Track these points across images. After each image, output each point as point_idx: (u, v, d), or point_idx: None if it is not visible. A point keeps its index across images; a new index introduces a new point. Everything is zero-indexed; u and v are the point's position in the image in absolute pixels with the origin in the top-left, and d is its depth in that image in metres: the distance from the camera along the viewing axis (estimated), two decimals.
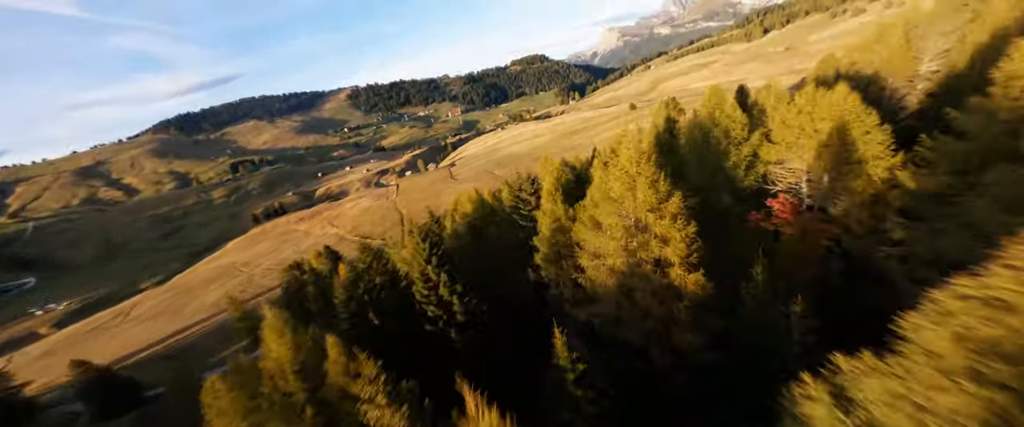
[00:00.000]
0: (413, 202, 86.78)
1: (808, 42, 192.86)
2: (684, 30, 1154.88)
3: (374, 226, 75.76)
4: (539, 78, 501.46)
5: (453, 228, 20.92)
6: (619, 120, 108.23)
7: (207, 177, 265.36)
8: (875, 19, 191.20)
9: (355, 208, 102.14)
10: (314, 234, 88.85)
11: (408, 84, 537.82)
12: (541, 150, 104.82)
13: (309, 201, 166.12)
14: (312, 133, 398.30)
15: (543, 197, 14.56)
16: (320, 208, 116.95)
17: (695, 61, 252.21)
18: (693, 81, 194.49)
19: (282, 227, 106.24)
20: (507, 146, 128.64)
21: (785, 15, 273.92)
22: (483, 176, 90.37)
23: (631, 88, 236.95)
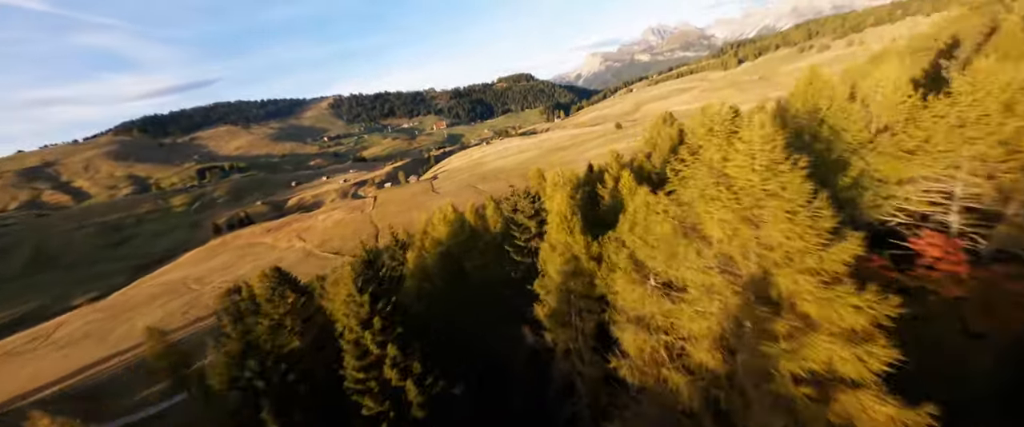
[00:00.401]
0: (390, 216, 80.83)
1: (780, 73, 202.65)
2: (662, 58, 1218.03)
3: (345, 241, 69.22)
4: (524, 96, 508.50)
5: (417, 262, 15.94)
6: (606, 138, 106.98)
7: (170, 183, 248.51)
8: (839, 55, 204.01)
9: (327, 220, 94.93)
10: (280, 248, 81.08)
11: (393, 96, 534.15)
12: (527, 165, 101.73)
13: (279, 211, 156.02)
14: (289, 141, 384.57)
15: (550, 223, 9.92)
16: (289, 219, 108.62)
17: (675, 86, 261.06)
18: (674, 104, 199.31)
19: (245, 239, 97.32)
20: (492, 160, 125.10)
21: (757, 48, 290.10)
22: (466, 191, 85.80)
23: (615, 109, 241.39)
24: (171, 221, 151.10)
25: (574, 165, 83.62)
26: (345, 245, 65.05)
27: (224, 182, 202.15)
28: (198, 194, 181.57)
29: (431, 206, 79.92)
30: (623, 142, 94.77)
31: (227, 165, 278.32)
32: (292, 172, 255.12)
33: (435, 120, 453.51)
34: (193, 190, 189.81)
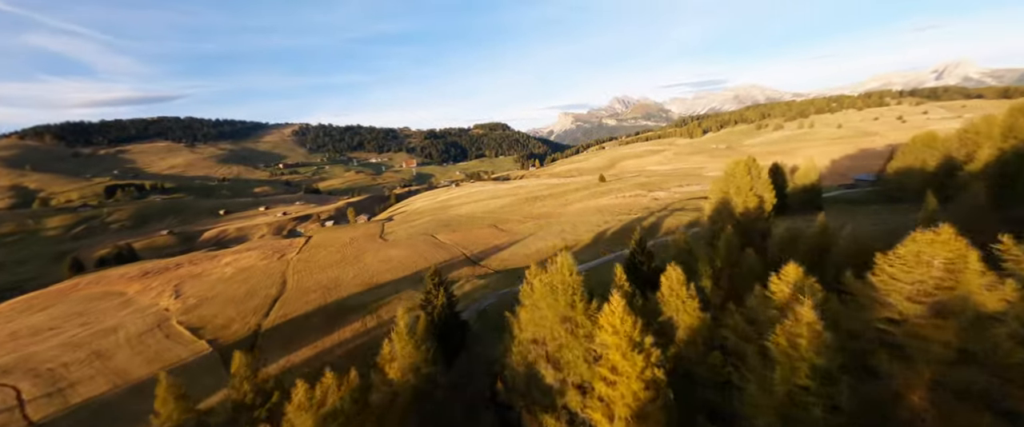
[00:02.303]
0: (312, 269, 59.88)
1: (744, 144, 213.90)
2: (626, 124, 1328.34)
3: (231, 305, 47.17)
4: (499, 144, 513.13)
5: None
6: (590, 191, 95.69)
7: (66, 199, 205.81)
8: (796, 134, 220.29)
9: (229, 266, 71.24)
10: (138, 304, 56.24)
11: (365, 130, 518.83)
12: (500, 214, 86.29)
13: (188, 245, 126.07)
14: (238, 164, 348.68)
15: None
16: (182, 260, 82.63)
17: (647, 147, 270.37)
18: (648, 164, 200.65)
19: (103, 285, 70.22)
20: (459, 204, 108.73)
21: (719, 121, 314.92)
22: (421, 241, 67.58)
23: (590, 163, 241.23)
24: (31, 248, 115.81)
25: (554, 219, 69.08)
26: (226, 312, 43.19)
27: (130, 205, 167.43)
28: (87, 217, 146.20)
29: (373, 257, 60.42)
30: (609, 197, 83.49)
31: (149, 184, 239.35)
32: (228, 199, 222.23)
33: (405, 157, 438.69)
34: (83, 211, 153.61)
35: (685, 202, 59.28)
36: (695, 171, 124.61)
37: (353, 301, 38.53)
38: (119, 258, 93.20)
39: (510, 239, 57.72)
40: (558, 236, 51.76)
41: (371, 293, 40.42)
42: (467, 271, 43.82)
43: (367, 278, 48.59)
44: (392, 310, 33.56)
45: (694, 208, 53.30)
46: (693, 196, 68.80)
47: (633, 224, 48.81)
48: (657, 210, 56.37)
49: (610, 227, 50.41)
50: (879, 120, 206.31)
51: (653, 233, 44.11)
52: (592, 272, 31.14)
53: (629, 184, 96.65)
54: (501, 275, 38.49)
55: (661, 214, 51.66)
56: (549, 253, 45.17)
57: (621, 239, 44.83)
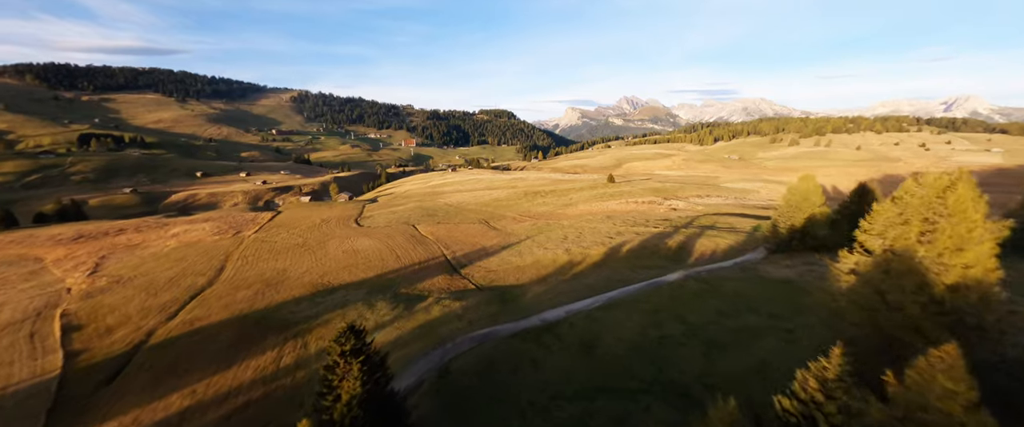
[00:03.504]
0: (262, 255, 50.10)
1: (757, 158, 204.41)
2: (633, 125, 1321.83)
3: (144, 294, 37.53)
4: (503, 132, 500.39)
5: None
6: (597, 191, 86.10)
7: (34, 143, 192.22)
8: (812, 151, 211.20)
9: (173, 240, 61.42)
10: (43, 278, 46.48)
11: (366, 103, 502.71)
12: (494, 207, 76.63)
13: (151, 207, 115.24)
14: (229, 125, 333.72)
15: None
16: (123, 225, 72.42)
17: (655, 151, 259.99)
18: (657, 168, 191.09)
19: (21, 248, 60.02)
20: (452, 192, 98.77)
21: (731, 131, 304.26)
22: (399, 232, 57.93)
23: (595, 160, 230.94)
24: None
25: (559, 221, 59.18)
26: (121, 309, 33.27)
27: (97, 157, 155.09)
28: (47, 165, 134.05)
29: (338, 245, 50.64)
30: (619, 201, 74.08)
31: (129, 137, 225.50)
32: (211, 161, 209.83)
33: (406, 136, 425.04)
34: (44, 159, 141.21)
35: (713, 218, 49.90)
36: (709, 180, 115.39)
37: (285, 312, 29.00)
38: (62, 215, 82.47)
39: (502, 241, 48.24)
40: (560, 245, 42.32)
41: (313, 301, 30.89)
42: (442, 282, 34.32)
43: (320, 275, 39.00)
44: (325, 336, 24.11)
45: (727, 227, 43.98)
46: (718, 210, 59.48)
47: (655, 242, 39.43)
48: (680, 225, 47.01)
49: (626, 241, 40.98)
50: (900, 146, 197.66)
51: (682, 258, 34.77)
52: (625, 306, 21.81)
53: (640, 188, 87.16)
54: (485, 296, 29.05)
55: (687, 231, 42.26)
56: (549, 267, 35.74)
57: (642, 258, 35.48)
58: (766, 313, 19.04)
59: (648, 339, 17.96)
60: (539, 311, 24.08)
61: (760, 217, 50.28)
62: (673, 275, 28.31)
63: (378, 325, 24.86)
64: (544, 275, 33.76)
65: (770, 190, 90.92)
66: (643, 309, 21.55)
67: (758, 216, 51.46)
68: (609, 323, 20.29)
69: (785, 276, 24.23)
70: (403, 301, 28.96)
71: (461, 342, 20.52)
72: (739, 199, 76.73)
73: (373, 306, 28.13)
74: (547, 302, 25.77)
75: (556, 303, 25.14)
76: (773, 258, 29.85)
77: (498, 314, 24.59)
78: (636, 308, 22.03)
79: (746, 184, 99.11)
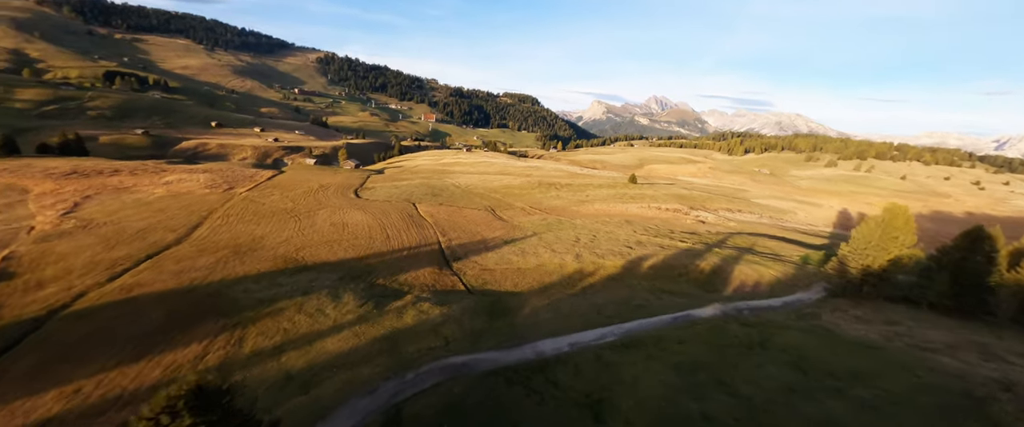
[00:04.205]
0: (245, 216, 46.23)
1: (790, 175, 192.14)
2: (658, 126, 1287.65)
3: (102, 245, 34.03)
4: (525, 117, 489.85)
5: None
6: (616, 191, 79.58)
7: (62, 74, 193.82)
8: (846, 174, 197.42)
9: (162, 189, 58.40)
10: (15, 213, 43.77)
11: (391, 73, 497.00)
12: (503, 196, 71.25)
13: (161, 151, 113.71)
14: (253, 79, 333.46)
15: None
16: (119, 167, 69.99)
17: (680, 155, 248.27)
18: (681, 173, 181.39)
19: (10, 177, 57.82)
20: (461, 172, 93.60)
21: (763, 143, 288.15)
22: (396, 209, 53.31)
23: (616, 158, 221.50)
24: None
25: (571, 220, 52.97)
26: (67, 260, 29.56)
27: (116, 95, 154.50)
28: (66, 97, 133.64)
29: (320, 222, 46.23)
30: (639, 204, 67.69)
31: (153, 79, 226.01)
32: (230, 112, 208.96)
33: (426, 110, 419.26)
34: (63, 90, 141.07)
35: (750, 239, 43.46)
36: (738, 193, 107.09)
37: (240, 290, 24.64)
38: (64, 148, 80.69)
39: (506, 234, 43.08)
40: (570, 248, 36.89)
41: (276, 281, 26.47)
42: (428, 276, 29.46)
43: (296, 248, 34.68)
44: (269, 331, 19.59)
45: (769, 253, 37.69)
46: (753, 229, 52.75)
47: (682, 260, 33.59)
48: (711, 242, 40.87)
49: (647, 254, 35.26)
50: (951, 181, 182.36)
51: (716, 285, 28.95)
52: (647, 349, 16.65)
53: (664, 193, 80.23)
54: (473, 303, 24.06)
55: (721, 252, 36.19)
56: (555, 275, 30.46)
57: (666, 278, 29.84)
58: (855, 398, 13.41)
59: (683, 415, 12.64)
60: (535, 337, 18.96)
61: (804, 244, 43.61)
62: (707, 309, 22.72)
63: (336, 326, 20.18)
64: (547, 284, 28.52)
65: (808, 213, 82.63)
66: (673, 360, 16.13)
67: (801, 242, 44.75)
68: (626, 376, 15.01)
69: (865, 337, 18.38)
70: (376, 296, 24.25)
71: (427, 372, 15.57)
72: (775, 219, 69.33)
73: (338, 298, 23.49)
74: (546, 324, 20.64)
75: (557, 328, 19.97)
76: (834, 303, 23.88)
77: (483, 333, 19.58)
78: (663, 356, 16.62)
79: (778, 202, 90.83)
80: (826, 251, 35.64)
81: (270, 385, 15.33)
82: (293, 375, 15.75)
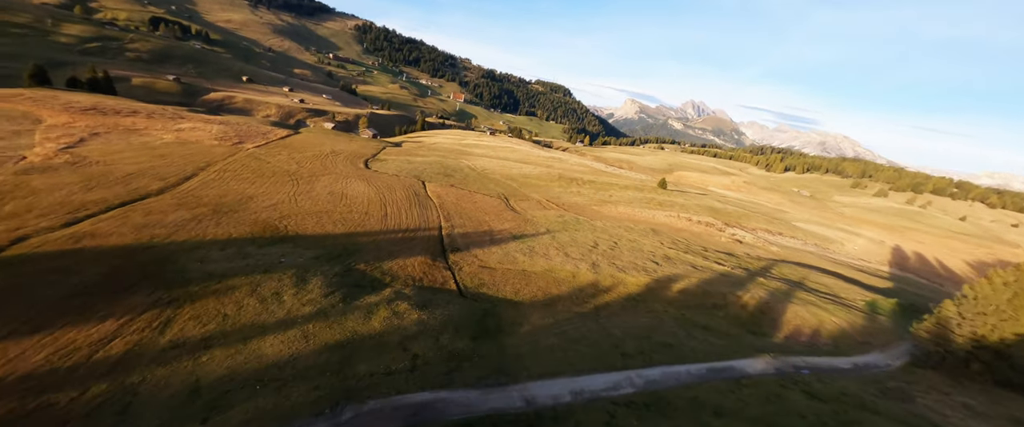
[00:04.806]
0: (243, 174, 43.51)
1: (833, 200, 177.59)
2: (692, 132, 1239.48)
3: (77, 188, 31.77)
4: (555, 108, 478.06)
5: None
6: (644, 195, 73.26)
7: (113, 16, 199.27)
8: (898, 207, 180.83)
9: (170, 135, 56.76)
10: (18, 142, 42.33)
11: (426, 48, 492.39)
12: (520, 185, 66.42)
13: (190, 98, 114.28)
14: (291, 40, 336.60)
15: None
16: (137, 108, 69.07)
17: (714, 164, 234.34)
18: (713, 184, 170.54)
19: (32, 106, 57.18)
20: (480, 155, 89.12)
21: (805, 163, 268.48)
22: (403, 185, 49.56)
23: (645, 160, 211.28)
24: (31, 48, 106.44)
25: (590, 220, 46.34)
26: (27, 205, 27.34)
27: (157, 40, 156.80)
28: (109, 36, 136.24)
29: (319, 190, 42.91)
30: (668, 212, 61.44)
31: (195, 28, 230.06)
32: (264, 70, 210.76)
33: (456, 89, 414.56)
34: (108, 29, 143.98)
35: (799, 271, 37.17)
36: (777, 214, 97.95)
37: (197, 257, 21.28)
38: (93, 84, 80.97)
39: (515, 228, 38.55)
40: (587, 254, 32.03)
41: (242, 250, 23.00)
42: (417, 267, 25.36)
43: (281, 215, 31.33)
44: (203, 315, 15.93)
45: (824, 291, 31.61)
46: (800, 258, 46.07)
47: (719, 287, 28.14)
48: (752, 268, 35.01)
49: (677, 274, 29.98)
50: (1020, 229, 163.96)
51: (764, 327, 23.52)
52: (680, 417, 12.15)
53: (696, 204, 73.27)
54: (461, 311, 19.84)
55: (767, 284, 30.44)
56: (565, 286, 25.75)
57: (700, 309, 24.60)
58: None
59: None
60: (528, 374, 14.52)
61: (865, 285, 36.97)
62: (757, 362, 17.62)
63: (286, 320, 16.34)
64: (554, 296, 23.90)
65: (857, 245, 73.75)
66: None
67: (860, 282, 38.06)
68: None
69: None
70: (349, 286, 20.34)
71: (370, 414, 11.40)
72: (821, 248, 61.73)
73: (304, 282, 19.70)
74: (546, 355, 16.14)
75: (559, 364, 15.44)
76: (926, 378, 18.24)
77: (464, 358, 15.27)
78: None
79: (823, 229, 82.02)
80: (898, 299, 29.32)
81: (169, 398, 11.57)
82: (202, 389, 11.92)
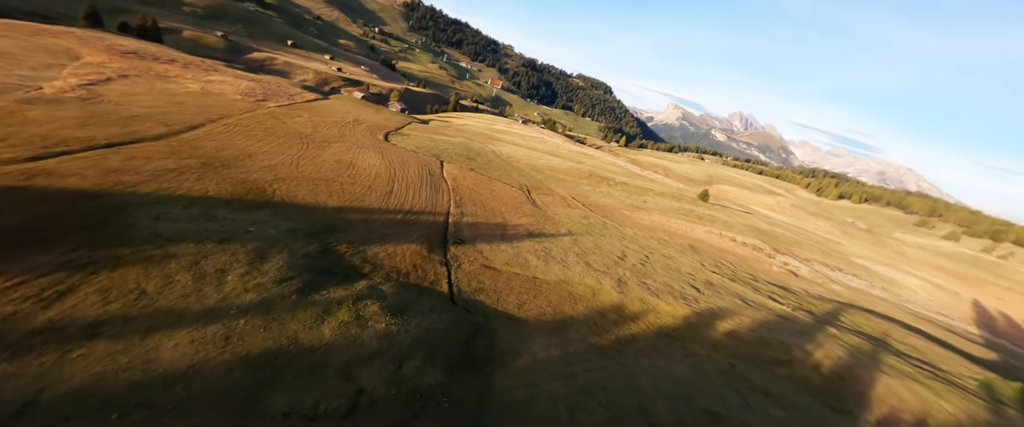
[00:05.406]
0: (253, 130, 41.14)
1: (893, 238, 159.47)
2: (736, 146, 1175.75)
3: (83, 123, 30.27)
4: (593, 104, 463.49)
5: None
6: (681, 205, 66.09)
7: None
8: (972, 254, 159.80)
9: (196, 84, 55.86)
10: (44, 73, 41.82)
11: (470, 31, 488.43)
12: (545, 177, 61.25)
13: (235, 56, 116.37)
14: (340, 10, 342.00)
15: None
16: (175, 56, 69.17)
17: (759, 182, 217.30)
18: (756, 203, 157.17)
19: (77, 43, 57.78)
20: (508, 142, 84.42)
21: (864, 192, 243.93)
22: (418, 162, 45.87)
23: (683, 168, 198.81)
24: None
25: (619, 226, 39.92)
26: (30, 129, 25.61)
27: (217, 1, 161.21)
28: None
29: (327, 157, 39.78)
30: (709, 228, 54.48)
31: None
32: (310, 37, 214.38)
33: (494, 75, 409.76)
34: None
35: (878, 325, 30.20)
36: (831, 245, 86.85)
37: (151, 214, 18.14)
38: (142, 31, 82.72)
39: (533, 224, 33.81)
40: (612, 268, 26.88)
41: (210, 213, 19.73)
42: (409, 257, 21.24)
43: (274, 178, 28.17)
44: (118, 288, 12.46)
45: (919, 358, 24.85)
46: (870, 302, 38.48)
47: (780, 332, 22.22)
48: (818, 312, 28.52)
49: (723, 308, 24.28)
50: None
51: (845, 404, 17.61)
52: None
53: (740, 222, 65.38)
54: (445, 325, 15.56)
55: (840, 337, 24.11)
56: (581, 305, 20.83)
57: (756, 362, 18.97)
58: None
59: None
60: None
61: (964, 353, 29.49)
62: None
63: (214, 310, 12.58)
64: (567, 317, 19.10)
65: (931, 294, 62.84)
66: None
67: (954, 347, 30.48)
68: None
69: None
70: (315, 271, 16.48)
71: None
72: (891, 293, 52.74)
73: (262, 261, 16.00)
74: (546, 417, 11.50)
75: None
76: None
77: (429, 401, 10.92)
78: None
79: (886, 269, 71.45)
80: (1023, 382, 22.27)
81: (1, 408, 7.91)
82: (37, 408, 8.20)
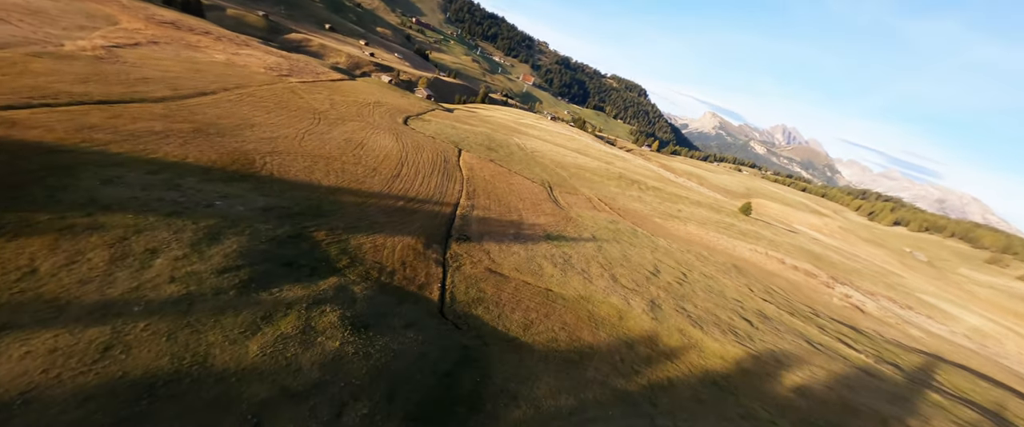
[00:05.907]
0: (268, 105, 39.21)
1: (958, 273, 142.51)
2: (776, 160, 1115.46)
3: (88, 80, 29.04)
4: (626, 107, 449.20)
5: None
6: (720, 217, 59.66)
7: None
8: None
9: (222, 55, 55.26)
10: (69, 34, 41.61)
11: (506, 26, 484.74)
12: (569, 175, 56.69)
13: (273, 35, 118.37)
14: None
15: None
16: (210, 28, 69.56)
17: (802, 199, 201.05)
18: (800, 222, 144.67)
19: (120, 9, 58.63)
20: (534, 136, 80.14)
21: (924, 220, 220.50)
22: (434, 150, 42.67)
23: (719, 178, 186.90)
24: None
25: (648, 234, 35.00)
26: (41, 83, 24.23)
27: None
28: None
29: (336, 135, 37.15)
30: (751, 246, 48.19)
31: None
32: (349, 22, 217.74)
33: (527, 71, 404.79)
34: None
35: (988, 392, 24.03)
36: (890, 276, 76.63)
37: (102, 175, 15.57)
38: (185, 5, 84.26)
39: (553, 225, 29.71)
40: (643, 287, 22.39)
41: (177, 181, 17.04)
42: (399, 250, 17.77)
43: (270, 151, 25.55)
44: (11, 264, 9.61)
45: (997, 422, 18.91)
46: (958, 355, 31.70)
47: (863, 393, 17.09)
48: (906, 367, 22.80)
49: (785, 352, 19.32)
50: None
51: None
52: None
53: (788, 242, 58.21)
54: (430, 341, 11.92)
55: (948, 409, 18.62)
56: (605, 331, 16.58)
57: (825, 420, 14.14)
58: None
59: None
60: None
61: None
62: None
63: (104, 306, 9.52)
64: (586, 347, 14.97)
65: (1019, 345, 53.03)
66: None
67: None
68: None
69: None
70: (274, 262, 13.26)
71: None
72: (976, 344, 44.51)
73: (213, 243, 12.93)
74: None
75: None
76: None
77: None
78: None
79: (959, 310, 61.68)
80: None
81: None
82: None
